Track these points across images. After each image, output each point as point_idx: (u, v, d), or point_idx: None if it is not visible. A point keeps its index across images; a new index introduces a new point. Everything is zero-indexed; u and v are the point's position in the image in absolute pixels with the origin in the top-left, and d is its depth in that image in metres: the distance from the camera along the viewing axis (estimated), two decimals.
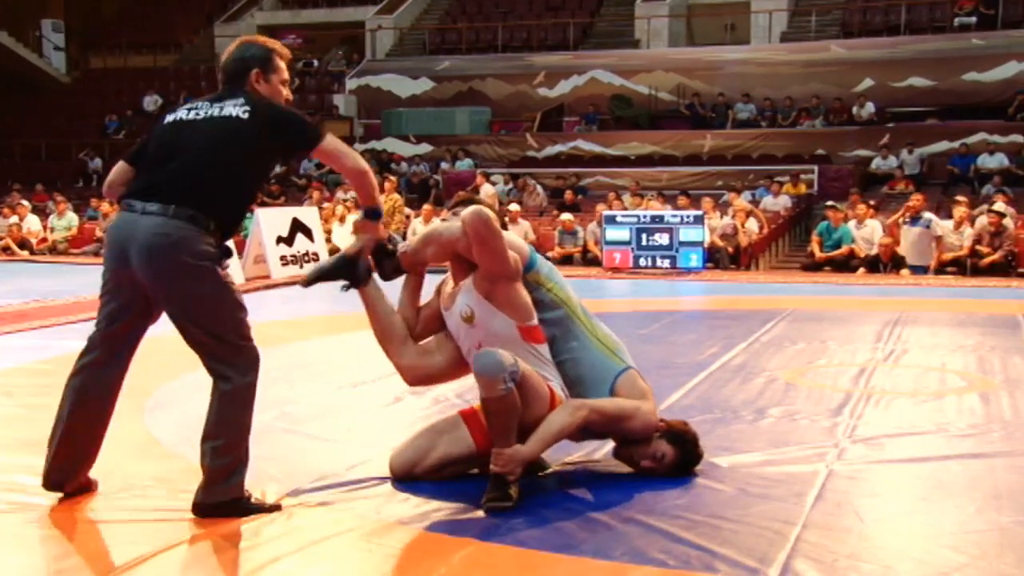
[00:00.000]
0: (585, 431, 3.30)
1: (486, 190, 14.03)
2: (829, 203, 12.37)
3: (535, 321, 3.26)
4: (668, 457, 3.35)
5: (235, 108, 2.97)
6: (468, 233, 3.12)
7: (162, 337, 3.34)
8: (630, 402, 3.30)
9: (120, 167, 3.15)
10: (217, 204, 2.94)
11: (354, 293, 3.39)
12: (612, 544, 2.78)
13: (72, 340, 6.31)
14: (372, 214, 3.18)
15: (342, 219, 13.32)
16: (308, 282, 3.37)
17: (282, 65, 3.17)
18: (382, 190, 14.21)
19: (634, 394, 3.33)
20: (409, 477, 3.30)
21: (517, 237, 3.48)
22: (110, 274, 2.99)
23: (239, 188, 3.02)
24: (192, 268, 2.88)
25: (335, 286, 3.42)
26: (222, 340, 2.94)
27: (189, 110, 3.05)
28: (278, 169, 18.80)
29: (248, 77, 3.10)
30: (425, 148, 18.88)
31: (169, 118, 3.07)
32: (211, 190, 2.92)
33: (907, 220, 11.17)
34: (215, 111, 2.99)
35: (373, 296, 3.36)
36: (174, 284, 2.90)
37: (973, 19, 18.03)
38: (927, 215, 11.19)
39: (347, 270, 3.33)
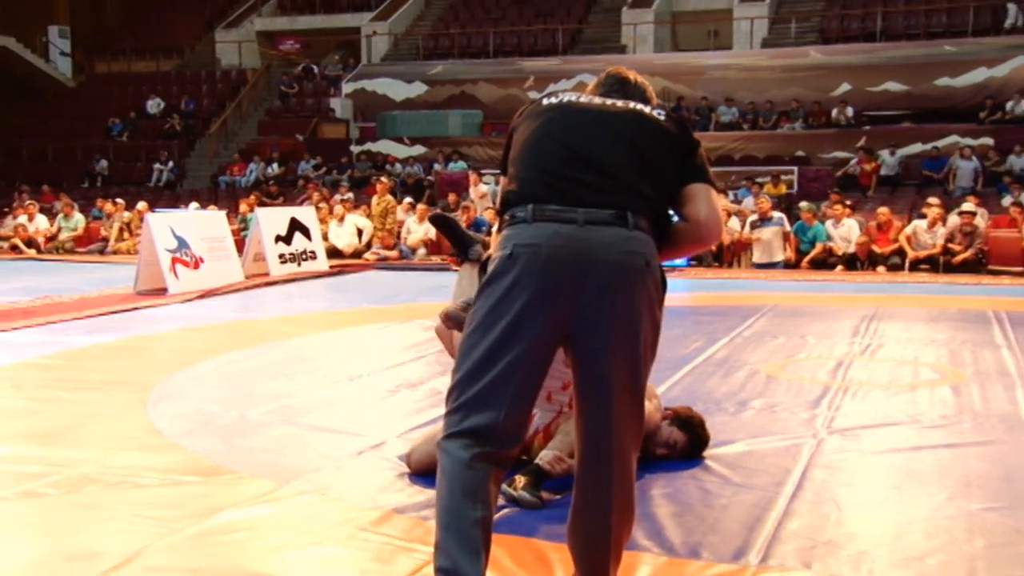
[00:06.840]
0: None
1: (479, 190, 14.14)
2: (801, 204, 12.62)
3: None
4: (680, 443, 3.50)
5: (646, 106, 2.38)
6: None
7: (162, 335, 3.42)
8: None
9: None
10: (659, 218, 2.28)
11: (351, 294, 3.42)
12: None
13: (77, 335, 6.38)
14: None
15: (341, 219, 13.38)
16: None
17: None
18: (374, 191, 14.34)
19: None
20: (426, 472, 3.24)
21: None
22: (532, 312, 2.13)
23: (667, 201, 2.32)
24: (657, 302, 2.23)
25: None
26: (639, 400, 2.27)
27: (579, 99, 2.39)
28: (276, 170, 18.82)
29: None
30: (419, 150, 18.95)
31: (551, 100, 2.38)
32: (654, 204, 2.25)
33: (759, 223, 11.63)
34: (620, 104, 2.37)
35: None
36: (633, 322, 2.17)
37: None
38: (777, 215, 11.74)
39: None
